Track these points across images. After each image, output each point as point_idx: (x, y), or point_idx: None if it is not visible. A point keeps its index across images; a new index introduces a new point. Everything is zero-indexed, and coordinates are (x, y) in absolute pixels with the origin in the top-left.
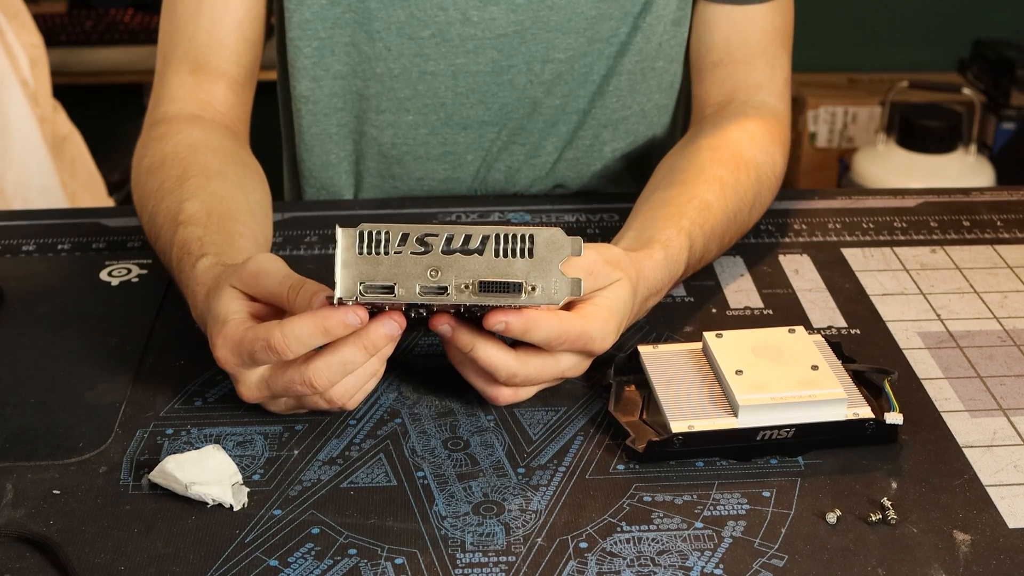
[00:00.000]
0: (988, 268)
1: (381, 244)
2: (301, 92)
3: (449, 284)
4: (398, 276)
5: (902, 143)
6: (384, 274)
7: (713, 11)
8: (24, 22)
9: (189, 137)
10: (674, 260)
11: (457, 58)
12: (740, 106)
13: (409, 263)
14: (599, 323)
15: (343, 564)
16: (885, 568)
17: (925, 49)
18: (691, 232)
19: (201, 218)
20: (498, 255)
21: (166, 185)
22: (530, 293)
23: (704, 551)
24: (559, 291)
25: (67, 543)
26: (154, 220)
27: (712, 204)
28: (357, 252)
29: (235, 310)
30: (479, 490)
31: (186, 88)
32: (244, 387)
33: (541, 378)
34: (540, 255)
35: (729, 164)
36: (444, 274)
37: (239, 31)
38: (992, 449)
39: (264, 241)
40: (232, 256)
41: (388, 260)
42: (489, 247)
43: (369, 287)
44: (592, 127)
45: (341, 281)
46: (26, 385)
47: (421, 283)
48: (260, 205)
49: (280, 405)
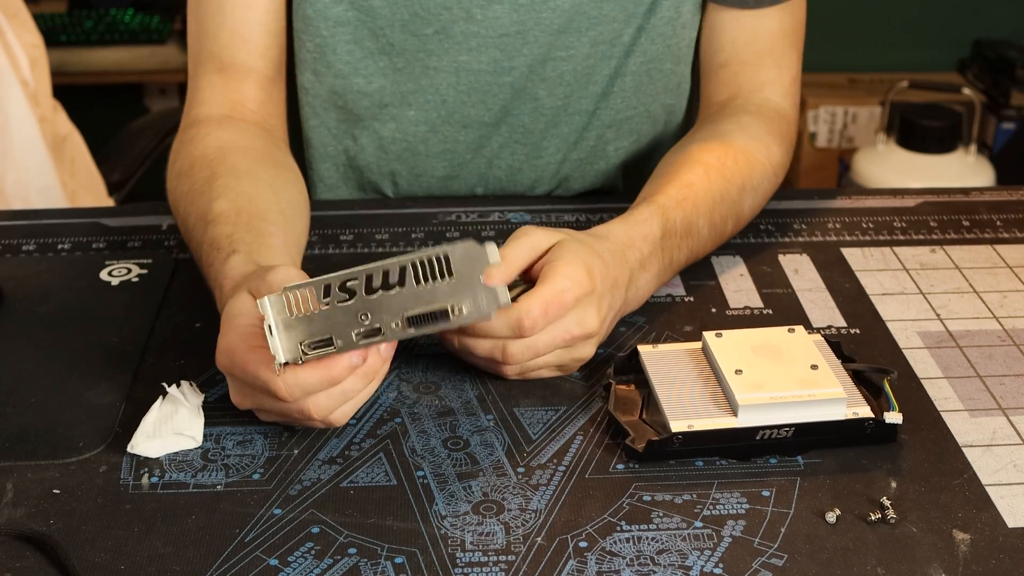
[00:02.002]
0: (988, 268)
1: (307, 301)
2: (302, 83)
3: (381, 323)
4: (332, 328)
5: (902, 143)
6: (319, 329)
7: (722, 14)
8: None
9: (218, 139)
10: (639, 220)
11: (460, 55)
12: (742, 103)
13: (339, 313)
14: (560, 277)
15: (343, 563)
16: (884, 567)
17: (925, 49)
18: (663, 203)
19: (230, 216)
20: (419, 282)
21: (196, 187)
22: (458, 315)
23: (704, 550)
24: (488, 304)
25: (67, 542)
26: (186, 222)
27: (692, 183)
28: (288, 315)
29: (246, 314)
30: (479, 489)
31: (215, 89)
32: (236, 394)
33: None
34: (459, 272)
35: (716, 151)
36: (374, 316)
37: (263, 25)
38: (991, 448)
39: (296, 240)
40: (263, 255)
41: (319, 316)
42: (408, 277)
43: (310, 344)
44: (597, 128)
45: (282, 346)
46: (26, 385)
47: (355, 330)
48: (292, 204)
49: (272, 416)
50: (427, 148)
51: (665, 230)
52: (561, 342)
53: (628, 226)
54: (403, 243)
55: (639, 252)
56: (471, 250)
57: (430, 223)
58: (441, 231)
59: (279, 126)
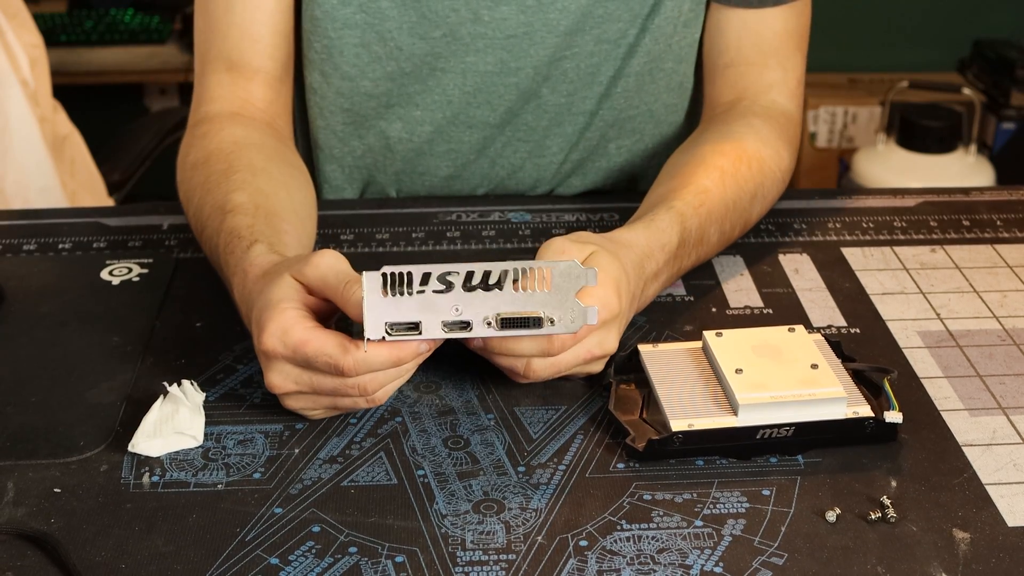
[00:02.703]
0: (988, 267)
1: (404, 284)
2: (310, 84)
3: (472, 319)
4: (422, 314)
5: (902, 143)
6: (408, 313)
7: (726, 14)
8: (24, 22)
9: (232, 135)
10: (660, 229)
11: (467, 56)
12: (749, 105)
13: (432, 301)
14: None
15: (343, 562)
16: (884, 566)
17: (925, 49)
18: (682, 211)
19: (249, 208)
20: (517, 288)
21: (212, 179)
22: (549, 325)
23: (704, 549)
24: (576, 320)
25: (68, 541)
26: (200, 212)
27: (709, 188)
28: (382, 294)
29: (292, 298)
30: (479, 488)
31: (224, 87)
32: (277, 376)
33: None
34: (558, 286)
35: (731, 155)
36: (466, 310)
37: (271, 25)
38: (991, 448)
39: (307, 241)
40: (282, 250)
41: (411, 300)
42: (507, 281)
43: (395, 325)
44: (599, 127)
45: (368, 322)
46: (26, 384)
47: (444, 319)
48: (303, 205)
49: (301, 402)
50: (432, 149)
51: (681, 239)
52: (582, 361)
53: (650, 233)
54: (403, 243)
55: (655, 263)
56: (573, 268)
57: (431, 223)
58: (441, 231)
59: (286, 126)
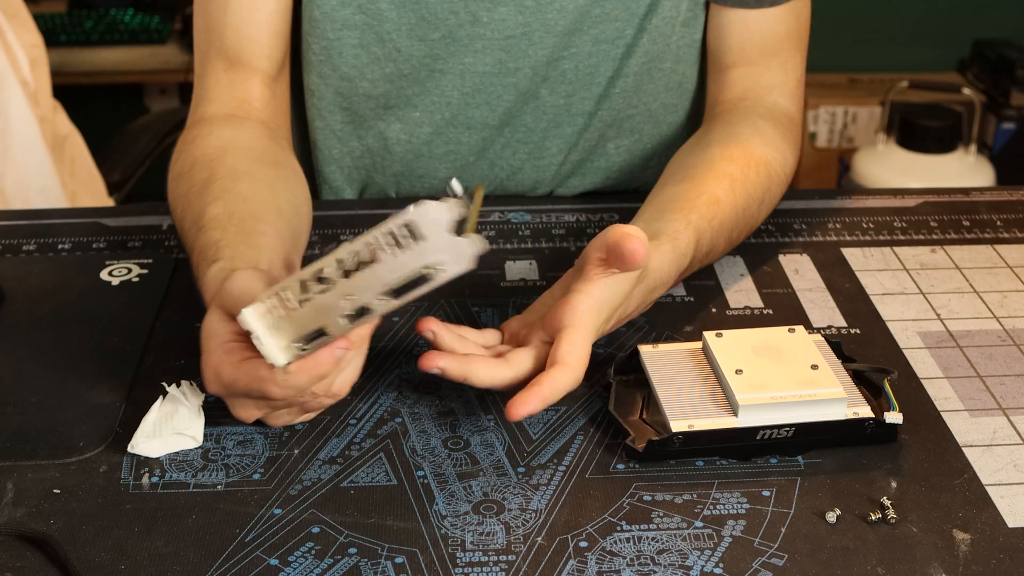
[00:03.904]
0: (988, 268)
1: (287, 301)
2: (309, 85)
3: (367, 302)
4: (321, 319)
5: (902, 143)
6: (308, 323)
7: (727, 14)
8: (24, 22)
9: (219, 139)
10: (682, 253)
11: (465, 57)
12: (752, 105)
13: (322, 302)
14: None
15: (343, 563)
16: (885, 567)
17: (925, 49)
18: (699, 226)
19: (222, 220)
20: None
21: (193, 190)
22: (442, 270)
23: (704, 550)
24: (465, 253)
25: (67, 542)
26: (182, 225)
27: (721, 199)
28: (272, 319)
29: (216, 334)
30: (479, 489)
31: (222, 87)
32: (240, 410)
33: None
34: (427, 233)
35: (740, 160)
36: (358, 296)
37: (269, 25)
38: (992, 448)
39: (292, 238)
40: (248, 256)
41: (303, 310)
42: (380, 252)
43: (303, 339)
44: (597, 128)
45: (267, 354)
46: (26, 385)
47: (343, 313)
48: (291, 203)
49: (282, 418)
50: (431, 150)
51: (694, 257)
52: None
53: (676, 256)
54: None
55: (666, 286)
56: (432, 209)
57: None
58: None
59: (283, 125)
